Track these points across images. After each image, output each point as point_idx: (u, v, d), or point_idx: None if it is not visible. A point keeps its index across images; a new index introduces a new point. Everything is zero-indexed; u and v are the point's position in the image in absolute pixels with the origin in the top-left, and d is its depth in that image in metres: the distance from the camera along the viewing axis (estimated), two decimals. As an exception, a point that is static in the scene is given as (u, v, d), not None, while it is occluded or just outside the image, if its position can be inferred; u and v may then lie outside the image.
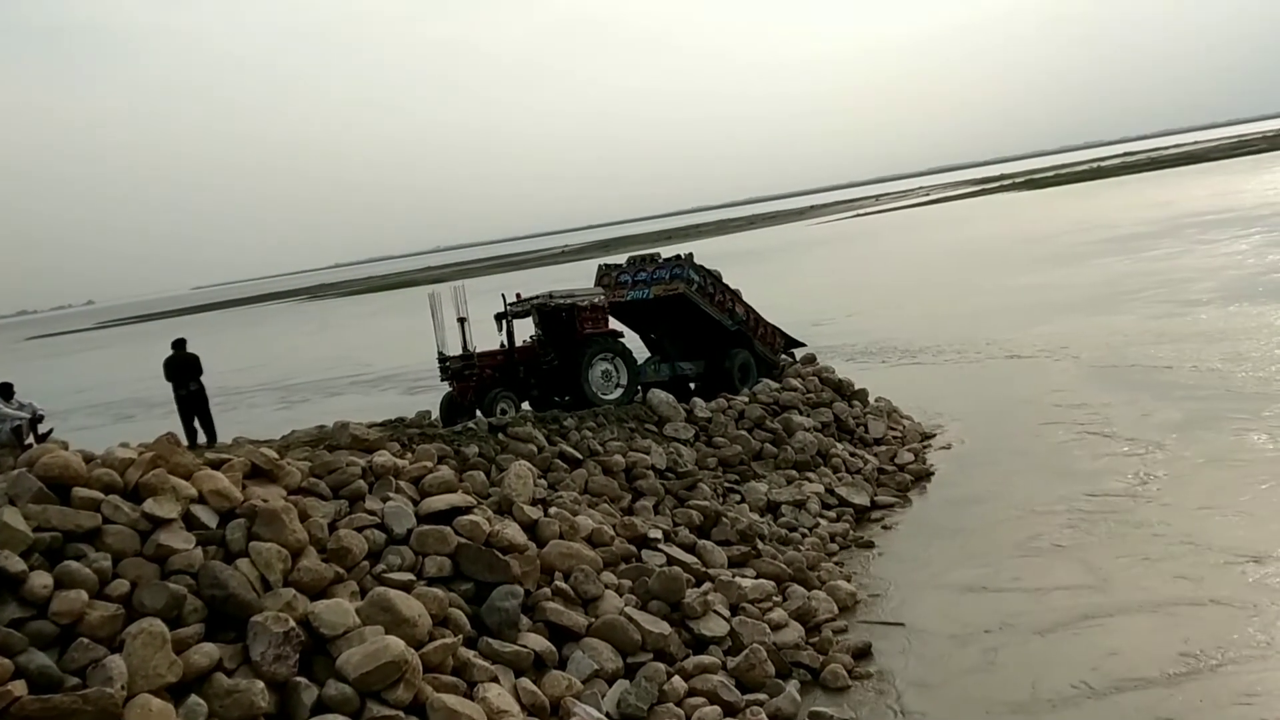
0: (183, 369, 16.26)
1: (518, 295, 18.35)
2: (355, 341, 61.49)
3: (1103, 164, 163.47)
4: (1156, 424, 18.42)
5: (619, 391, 17.69)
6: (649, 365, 19.74)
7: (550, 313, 17.90)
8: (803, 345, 21.87)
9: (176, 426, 14.24)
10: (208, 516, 9.96)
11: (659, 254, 20.65)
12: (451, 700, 8.92)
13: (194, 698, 8.27)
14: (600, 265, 21.33)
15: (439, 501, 11.55)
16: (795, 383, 19.66)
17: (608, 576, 11.79)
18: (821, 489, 16.44)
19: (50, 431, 14.39)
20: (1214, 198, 66.95)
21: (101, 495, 9.59)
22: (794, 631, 11.69)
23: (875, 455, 18.41)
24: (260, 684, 8.49)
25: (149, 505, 9.60)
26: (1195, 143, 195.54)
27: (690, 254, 20.19)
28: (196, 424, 16.27)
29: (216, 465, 10.74)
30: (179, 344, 16.52)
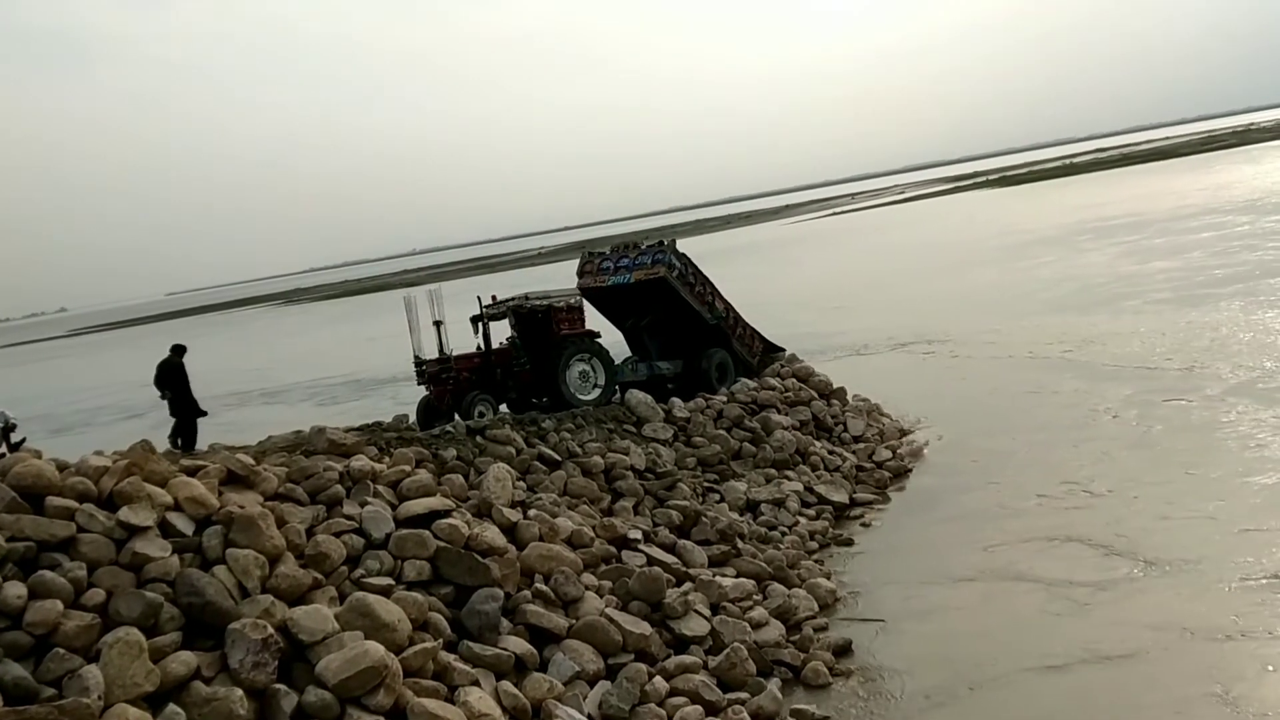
0: (162, 376, 16.50)
1: (493, 297, 18.30)
2: (289, 352, 61.81)
3: (1074, 160, 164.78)
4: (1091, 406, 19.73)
5: (597, 392, 17.68)
6: (627, 365, 19.70)
7: (526, 314, 17.87)
8: (782, 350, 21.77)
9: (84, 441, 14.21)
10: (184, 524, 9.88)
11: (642, 242, 20.63)
12: (432, 704, 8.89)
13: (172, 706, 8.21)
14: (584, 252, 21.24)
15: (417, 505, 11.51)
16: (773, 382, 19.69)
17: (588, 578, 11.77)
18: (800, 487, 16.48)
19: (24, 440, 14.26)
20: (1138, 200, 69.03)
21: (76, 504, 9.50)
22: (775, 630, 11.72)
23: (853, 453, 18.46)
24: (239, 691, 8.43)
25: (124, 513, 9.52)
26: (1166, 139, 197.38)
27: (673, 240, 20.15)
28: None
29: (192, 472, 10.67)
30: (176, 350, 16.75)
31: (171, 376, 16.38)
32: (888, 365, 27.91)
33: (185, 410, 16.32)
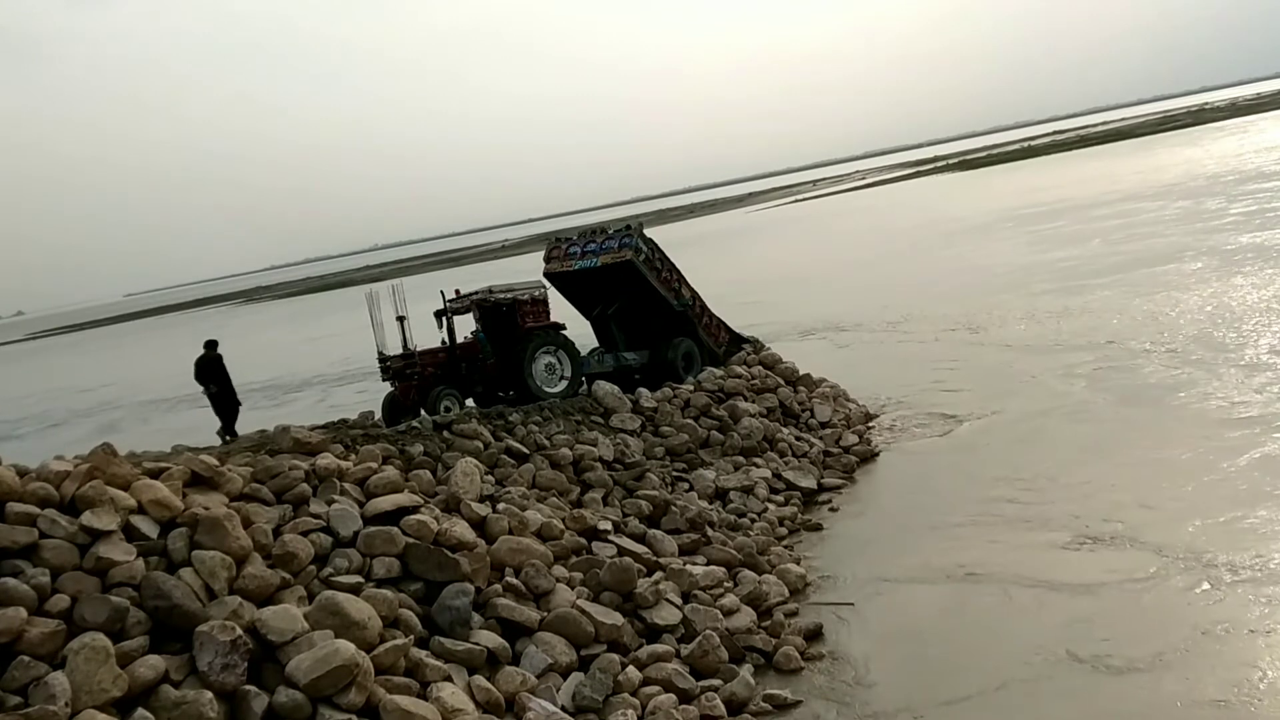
0: (204, 371, 17.26)
1: (456, 291, 18.21)
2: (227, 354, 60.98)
3: (1033, 143, 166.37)
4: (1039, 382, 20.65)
5: (563, 384, 17.64)
6: (593, 357, 19.68)
7: (491, 308, 17.80)
8: (750, 341, 21.76)
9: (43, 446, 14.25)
10: (148, 527, 9.78)
11: (609, 227, 20.61)
12: (405, 701, 8.87)
13: (141, 711, 8.13)
14: (551, 238, 21.16)
15: (385, 502, 11.45)
16: (740, 369, 19.74)
17: (559, 570, 11.78)
18: (769, 474, 16.56)
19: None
20: (1074, 184, 70.09)
21: (37, 510, 9.37)
22: (746, 616, 11.78)
23: (820, 438, 18.56)
24: (209, 694, 8.37)
25: (87, 518, 9.41)
26: (1124, 120, 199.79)
27: (640, 224, 20.12)
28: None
29: (155, 474, 10.55)
30: (209, 345, 17.46)
31: (213, 370, 17.14)
32: (805, 350, 27.89)
33: (231, 403, 17.02)
